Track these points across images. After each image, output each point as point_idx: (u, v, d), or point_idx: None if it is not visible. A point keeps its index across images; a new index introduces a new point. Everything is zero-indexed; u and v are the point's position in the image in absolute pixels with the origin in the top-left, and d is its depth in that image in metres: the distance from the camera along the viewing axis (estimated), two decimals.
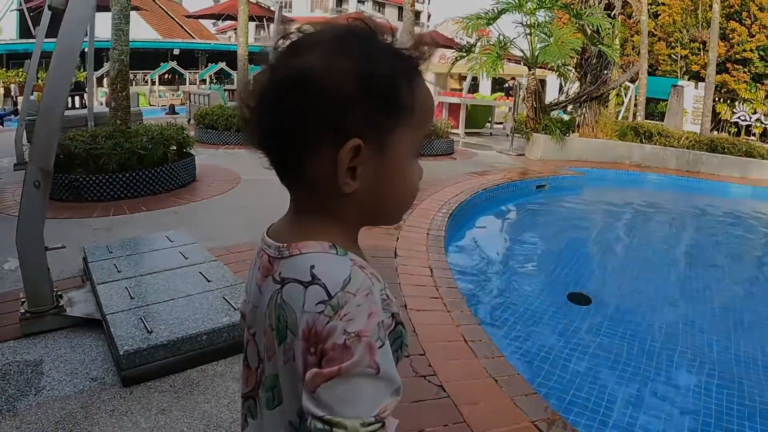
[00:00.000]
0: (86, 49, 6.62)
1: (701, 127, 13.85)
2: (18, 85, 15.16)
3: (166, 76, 18.70)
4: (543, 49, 9.46)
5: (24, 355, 2.32)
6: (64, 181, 4.80)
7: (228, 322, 2.38)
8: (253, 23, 18.87)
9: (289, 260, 0.58)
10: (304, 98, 0.54)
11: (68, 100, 11.16)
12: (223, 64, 18.83)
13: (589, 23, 9.48)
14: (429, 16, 45.82)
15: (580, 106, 10.35)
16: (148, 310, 2.46)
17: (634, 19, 15.89)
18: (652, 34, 20.26)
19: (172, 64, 18.30)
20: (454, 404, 2.07)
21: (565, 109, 11.10)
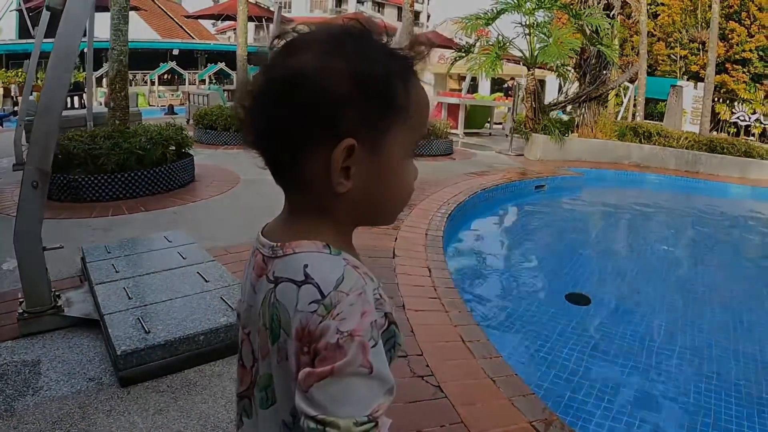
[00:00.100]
0: (85, 50, 6.62)
1: (700, 127, 13.85)
2: (18, 86, 15.13)
3: (166, 76, 18.68)
4: (542, 50, 9.48)
5: (22, 356, 2.32)
6: (63, 181, 4.80)
7: (226, 323, 2.38)
8: (252, 23, 18.85)
9: (282, 260, 0.58)
10: (298, 98, 0.54)
11: (67, 100, 11.18)
12: (222, 65, 18.82)
13: (588, 23, 9.48)
14: (428, 17, 45.87)
15: (579, 106, 10.35)
16: (145, 311, 2.46)
17: (633, 19, 15.93)
18: (652, 35, 20.27)
19: (172, 65, 18.28)
20: (452, 404, 2.07)
21: (564, 109, 11.11)
